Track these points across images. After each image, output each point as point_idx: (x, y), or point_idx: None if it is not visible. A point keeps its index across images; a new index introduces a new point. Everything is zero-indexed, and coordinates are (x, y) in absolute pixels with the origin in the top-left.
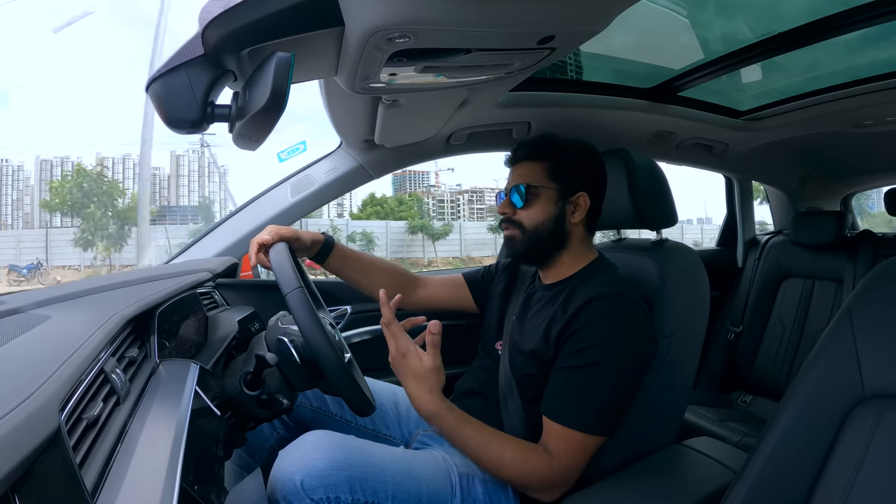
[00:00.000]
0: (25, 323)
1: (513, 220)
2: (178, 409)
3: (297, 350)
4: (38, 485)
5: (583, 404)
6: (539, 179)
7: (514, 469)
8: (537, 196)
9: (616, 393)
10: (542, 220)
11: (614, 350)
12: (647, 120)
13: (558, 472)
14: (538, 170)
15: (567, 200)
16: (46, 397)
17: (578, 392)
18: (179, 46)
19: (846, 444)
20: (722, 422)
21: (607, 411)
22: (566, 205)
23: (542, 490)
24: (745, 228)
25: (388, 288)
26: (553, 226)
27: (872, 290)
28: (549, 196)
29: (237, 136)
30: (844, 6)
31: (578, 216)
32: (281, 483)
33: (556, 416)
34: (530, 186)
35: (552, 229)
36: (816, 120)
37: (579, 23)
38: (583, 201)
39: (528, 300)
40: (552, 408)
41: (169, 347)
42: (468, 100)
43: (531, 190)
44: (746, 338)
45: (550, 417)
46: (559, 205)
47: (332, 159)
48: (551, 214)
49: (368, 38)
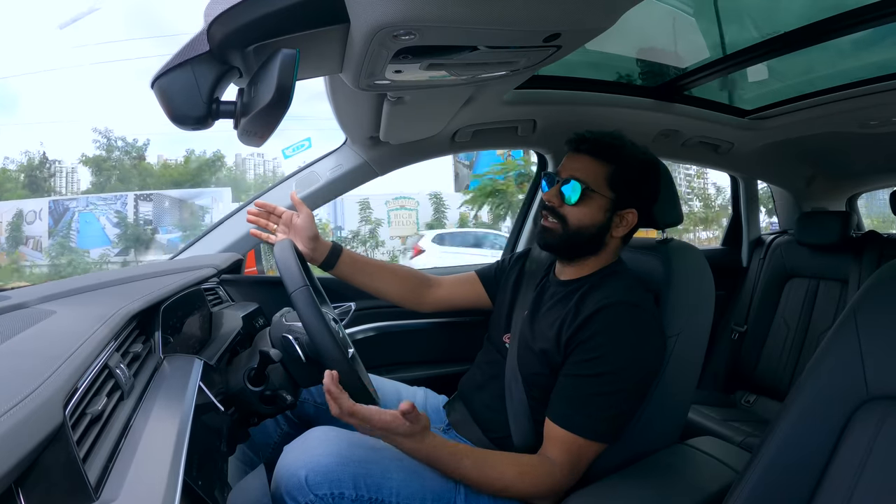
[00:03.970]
0: (30, 318)
1: (558, 211)
2: (182, 405)
3: (302, 348)
4: (41, 479)
5: (591, 412)
6: (597, 182)
7: (518, 488)
8: (591, 199)
9: (625, 402)
10: (587, 224)
11: (624, 360)
12: (652, 118)
13: (560, 480)
14: (600, 171)
15: (616, 212)
16: (51, 392)
17: (588, 400)
18: (185, 43)
19: (850, 445)
20: (725, 421)
21: (614, 420)
22: (614, 216)
23: (546, 499)
24: (750, 228)
25: (400, 290)
26: (595, 232)
27: (877, 290)
28: (601, 203)
29: (242, 133)
30: (851, 5)
31: (622, 231)
32: (285, 478)
33: (563, 422)
34: (587, 187)
35: (593, 235)
36: (822, 120)
37: (585, 21)
38: (630, 217)
39: (541, 295)
40: (560, 413)
41: (173, 343)
42: (473, 97)
43: (587, 190)
44: (751, 338)
45: (558, 423)
46: (608, 215)
47: (337, 156)
48: (598, 221)
49: (374, 35)
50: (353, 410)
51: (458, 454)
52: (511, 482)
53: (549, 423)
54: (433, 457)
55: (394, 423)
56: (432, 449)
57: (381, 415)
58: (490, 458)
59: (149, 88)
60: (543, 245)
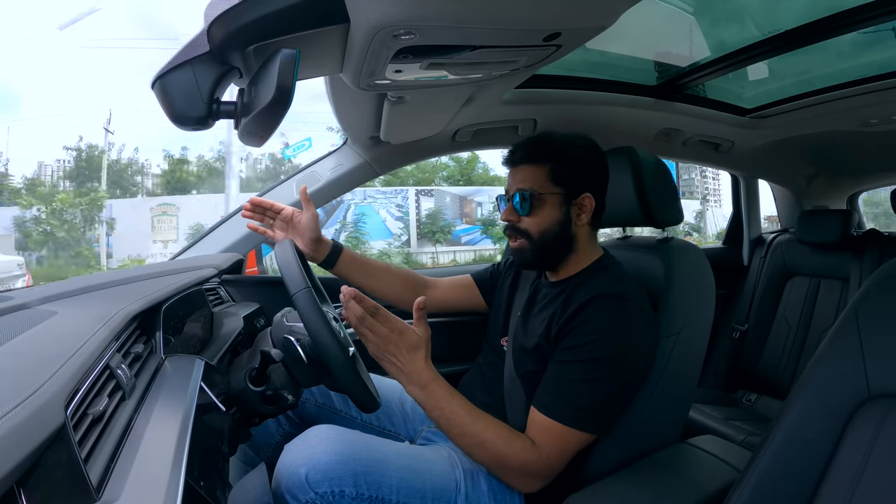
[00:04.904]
0: (32, 319)
1: (518, 228)
2: (183, 405)
3: (304, 349)
4: (43, 479)
5: (570, 399)
6: (541, 184)
7: (497, 447)
8: (542, 202)
9: (607, 392)
10: (548, 227)
11: (609, 349)
12: (653, 117)
13: (538, 461)
14: (540, 174)
15: (572, 203)
16: (52, 393)
17: (568, 386)
18: (185, 43)
19: (851, 444)
20: (726, 420)
21: (596, 409)
22: (571, 208)
23: (518, 475)
24: (751, 227)
25: (398, 291)
26: (560, 230)
27: (878, 289)
28: (553, 201)
29: (243, 133)
30: (851, 4)
31: (585, 217)
32: (286, 476)
33: (541, 408)
34: (534, 193)
35: (559, 234)
36: (823, 118)
37: (585, 20)
38: (588, 202)
39: (534, 297)
40: (539, 398)
41: (174, 343)
42: (474, 97)
43: (535, 196)
44: (752, 336)
45: (537, 408)
46: (564, 209)
47: (338, 156)
48: (557, 219)
49: (374, 35)
50: (376, 307)
51: (454, 393)
52: (492, 438)
53: (531, 409)
54: (436, 380)
55: (408, 331)
56: (433, 374)
57: (398, 321)
58: (478, 411)
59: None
60: (521, 265)
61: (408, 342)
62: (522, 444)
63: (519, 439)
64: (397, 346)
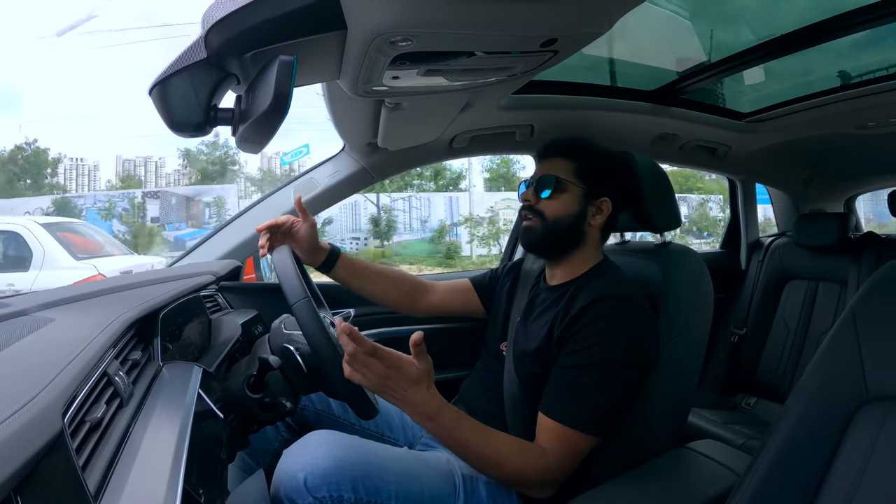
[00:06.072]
0: (29, 325)
1: (535, 208)
2: (181, 412)
3: (304, 358)
4: (40, 487)
5: (578, 403)
6: (568, 175)
7: (512, 464)
8: (564, 190)
9: (613, 394)
10: (563, 214)
11: (614, 351)
12: (650, 122)
13: (552, 468)
14: (568, 167)
15: (591, 202)
16: (49, 400)
17: (575, 391)
18: (182, 50)
19: (850, 447)
20: (726, 424)
21: (602, 411)
22: (589, 206)
23: (535, 486)
24: (749, 231)
25: (396, 295)
26: (573, 222)
27: (876, 291)
28: (574, 193)
29: (240, 140)
30: (848, 7)
31: (599, 220)
32: (284, 481)
33: (551, 413)
34: (559, 179)
35: (571, 225)
36: (819, 122)
37: (581, 26)
38: (605, 206)
39: (533, 301)
40: (548, 404)
41: (172, 350)
42: (471, 103)
43: (559, 183)
44: (750, 340)
45: (546, 413)
46: (582, 204)
47: (336, 162)
48: (573, 211)
49: (371, 41)
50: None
51: (461, 417)
52: (507, 457)
53: (540, 415)
54: (443, 410)
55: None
56: (439, 403)
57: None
58: (489, 430)
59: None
60: (527, 245)
61: (407, 376)
62: (534, 455)
63: (530, 450)
64: (396, 381)
